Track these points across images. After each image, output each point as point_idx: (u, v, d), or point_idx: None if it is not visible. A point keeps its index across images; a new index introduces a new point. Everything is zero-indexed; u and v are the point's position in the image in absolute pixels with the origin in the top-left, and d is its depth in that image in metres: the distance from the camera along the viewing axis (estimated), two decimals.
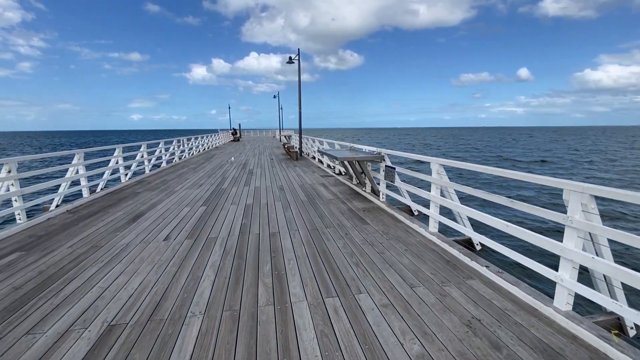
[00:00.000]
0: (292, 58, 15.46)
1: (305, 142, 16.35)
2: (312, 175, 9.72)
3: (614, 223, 10.07)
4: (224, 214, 5.52)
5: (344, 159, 5.87)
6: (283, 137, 26.77)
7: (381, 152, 5.88)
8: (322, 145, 11.50)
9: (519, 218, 9.12)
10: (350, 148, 7.62)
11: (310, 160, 13.71)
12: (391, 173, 5.32)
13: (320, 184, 8.26)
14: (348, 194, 6.96)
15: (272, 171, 10.61)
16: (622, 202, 2.52)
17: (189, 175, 9.96)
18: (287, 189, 7.62)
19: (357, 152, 6.62)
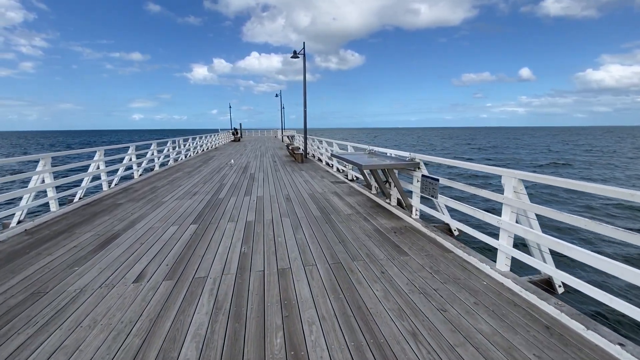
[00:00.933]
0: (297, 52, 14.33)
1: (310, 143, 15.20)
2: (322, 181, 8.57)
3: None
4: (218, 236, 4.38)
5: (370, 167, 4.72)
6: (286, 137, 25.62)
7: (415, 158, 4.74)
8: (332, 147, 10.35)
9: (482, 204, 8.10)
10: (369, 152, 6.47)
11: (317, 163, 12.56)
12: (431, 186, 4.17)
13: (333, 192, 7.12)
14: (369, 206, 5.82)
15: (276, 176, 9.47)
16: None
17: (183, 181, 8.82)
18: (295, 199, 6.48)
19: (383, 158, 5.48)
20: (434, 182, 4.16)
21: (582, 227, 2.33)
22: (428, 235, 4.25)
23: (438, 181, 4.08)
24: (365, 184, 7.96)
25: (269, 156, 15.82)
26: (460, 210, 3.71)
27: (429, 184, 4.29)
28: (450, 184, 3.91)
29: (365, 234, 4.35)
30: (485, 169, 3.55)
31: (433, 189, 4.18)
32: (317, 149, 13.60)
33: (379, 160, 5.26)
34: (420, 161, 4.65)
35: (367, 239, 4.17)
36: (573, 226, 2.49)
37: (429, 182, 4.29)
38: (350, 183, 8.18)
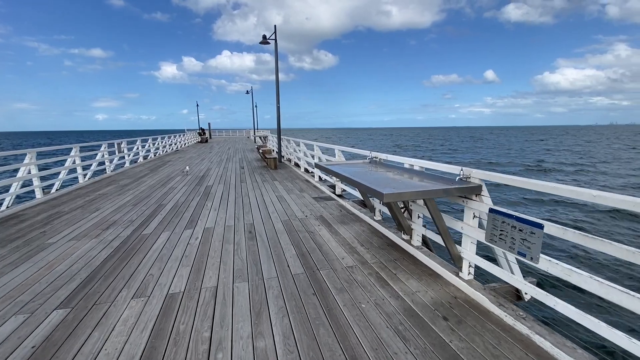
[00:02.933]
0: (268, 37, 12.03)
1: (285, 145, 12.94)
2: (301, 196, 6.38)
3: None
4: (96, 340, 2.10)
5: (399, 197, 2.46)
6: (258, 138, 23.13)
7: (470, 175, 2.66)
8: (313, 152, 8.17)
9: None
10: (371, 161, 4.37)
11: (294, 170, 10.33)
12: (519, 234, 2.12)
13: (318, 217, 4.96)
14: (377, 247, 3.72)
15: (241, 190, 7.16)
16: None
17: (107, 200, 6.30)
18: (263, 234, 4.26)
19: (400, 173, 3.38)
20: (527, 228, 2.12)
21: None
22: (510, 328, 2.21)
23: (541, 228, 2.03)
24: (360, 202, 5.86)
25: (237, 161, 13.37)
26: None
27: (509, 228, 2.25)
28: (579, 239, 1.86)
29: (393, 327, 2.23)
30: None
31: (525, 242, 2.14)
32: (293, 152, 11.37)
33: (400, 178, 3.17)
34: (482, 183, 2.60)
35: (399, 341, 2.06)
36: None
37: (509, 224, 2.25)
38: (339, 200, 6.06)
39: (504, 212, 2.31)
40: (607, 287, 1.74)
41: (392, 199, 2.32)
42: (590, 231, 9.01)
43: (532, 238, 2.10)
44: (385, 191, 2.27)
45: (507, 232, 2.30)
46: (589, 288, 1.82)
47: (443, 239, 2.81)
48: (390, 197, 2.30)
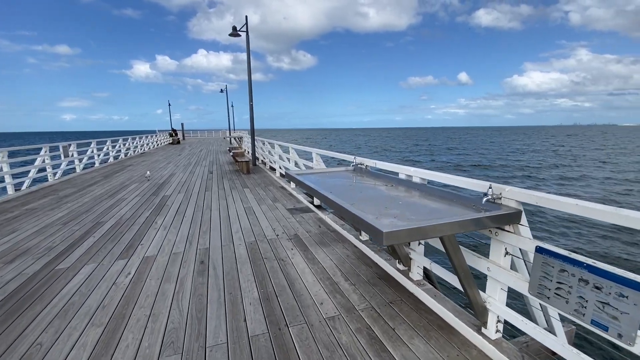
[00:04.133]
0: (239, 29, 10.98)
1: (260, 146, 11.92)
2: (274, 208, 5.45)
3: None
4: None
5: (413, 235, 1.51)
6: (233, 139, 21.85)
7: (502, 193, 1.85)
8: (288, 155, 7.23)
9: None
10: (356, 168, 3.51)
11: (269, 175, 9.34)
12: (594, 291, 1.32)
13: (292, 237, 4.05)
14: (365, 282, 2.86)
15: (203, 200, 6.12)
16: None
17: (29, 219, 5.09)
18: (219, 265, 3.30)
19: (408, 189, 2.53)
20: (614, 287, 1.32)
21: None
22: None
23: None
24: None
25: (207, 164, 12.19)
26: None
27: (575, 281, 1.45)
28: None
29: None
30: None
31: (606, 307, 1.34)
32: (268, 155, 10.37)
33: (398, 194, 2.32)
34: (519, 207, 1.79)
35: None
36: None
37: (574, 274, 1.45)
38: (317, 212, 5.17)
39: (565, 256, 1.51)
40: None
41: (398, 239, 1.45)
42: None
43: (623, 304, 1.30)
44: (385, 229, 1.40)
45: (570, 286, 1.50)
46: None
47: (462, 282, 1.98)
48: (393, 238, 1.43)
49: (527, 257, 1.98)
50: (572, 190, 15.32)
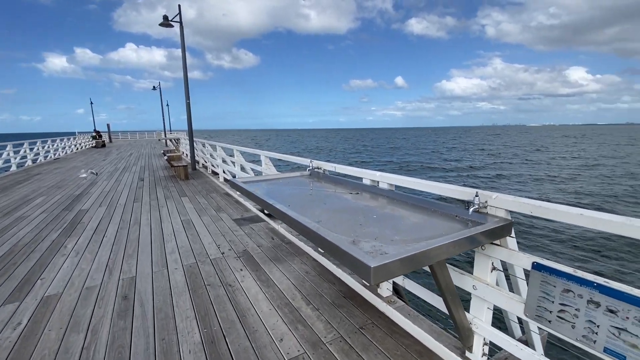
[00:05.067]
0: (171, 19, 9.86)
1: (201, 149, 10.90)
2: (218, 218, 4.80)
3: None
4: None
5: (410, 266, 1.10)
6: (170, 141, 19.94)
7: (487, 202, 1.62)
8: (233, 158, 6.55)
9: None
10: (312, 173, 3.13)
11: (210, 179, 8.49)
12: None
13: (242, 254, 3.51)
14: (332, 305, 2.49)
15: (130, 214, 5.18)
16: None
17: None
18: (148, 299, 2.64)
19: (376, 197, 2.19)
20: (632, 310, 1.13)
21: None
22: None
23: None
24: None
25: (137, 170, 10.75)
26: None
27: (582, 304, 1.25)
28: None
29: None
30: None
31: (623, 334, 1.15)
32: (210, 158, 9.47)
33: (367, 205, 1.99)
34: (508, 217, 1.57)
35: None
36: None
37: (581, 295, 1.25)
38: (269, 221, 4.68)
39: (570, 274, 1.30)
40: None
41: (389, 274, 1.07)
42: None
43: None
44: (372, 263, 1.03)
45: (576, 308, 1.30)
46: None
47: (448, 304, 1.71)
48: (384, 273, 1.06)
49: (513, 271, 1.79)
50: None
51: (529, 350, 1.55)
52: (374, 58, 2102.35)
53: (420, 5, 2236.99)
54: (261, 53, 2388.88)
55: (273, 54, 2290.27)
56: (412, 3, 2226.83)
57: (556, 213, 1.38)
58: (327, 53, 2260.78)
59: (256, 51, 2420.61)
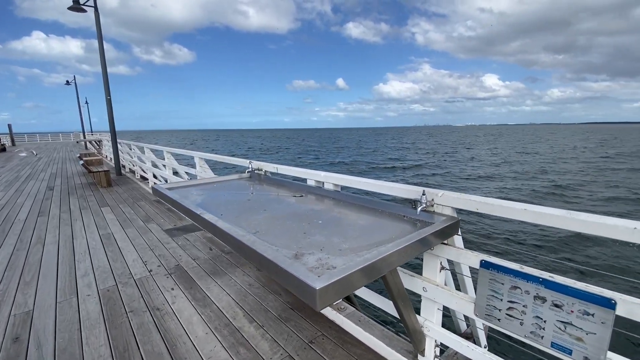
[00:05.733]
0: (84, 2, 8.58)
1: (127, 151, 9.72)
2: (146, 230, 4.21)
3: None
4: None
5: (357, 284, 0.93)
6: (90, 143, 17.55)
7: (434, 200, 1.54)
8: (165, 161, 5.88)
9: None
10: (253, 174, 2.86)
11: (139, 186, 7.57)
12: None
13: (174, 270, 3.08)
14: (278, 319, 2.27)
15: (32, 230, 4.27)
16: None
17: None
18: (48, 338, 2.11)
19: (321, 199, 2.01)
20: (577, 303, 1.13)
21: None
22: None
23: (612, 307, 1.06)
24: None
25: (46, 177, 9.15)
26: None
27: (530, 300, 1.23)
28: None
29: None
30: None
31: (568, 328, 1.14)
32: (138, 161, 8.46)
33: (313, 208, 1.81)
34: (456, 215, 1.53)
35: None
36: None
37: (528, 292, 1.23)
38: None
39: (517, 271, 1.28)
40: None
41: (337, 294, 0.91)
42: None
43: (589, 323, 1.12)
44: (318, 284, 0.85)
45: (524, 305, 1.28)
46: None
47: (399, 309, 1.61)
48: (331, 294, 0.88)
49: (460, 270, 1.77)
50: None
51: (478, 350, 1.52)
52: (316, 59, 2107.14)
53: (357, 10, 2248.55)
54: (197, 49, 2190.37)
55: (211, 50, 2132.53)
56: (349, 8, 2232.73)
57: (501, 209, 1.35)
58: (268, 52, 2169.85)
59: (191, 47, 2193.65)
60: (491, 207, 1.38)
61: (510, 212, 1.32)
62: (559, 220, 1.20)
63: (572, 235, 7.76)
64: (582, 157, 28.55)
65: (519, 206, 1.30)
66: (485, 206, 1.39)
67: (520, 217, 1.29)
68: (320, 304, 0.88)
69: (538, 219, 1.25)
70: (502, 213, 1.35)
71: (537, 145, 45.32)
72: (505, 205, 1.34)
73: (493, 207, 1.37)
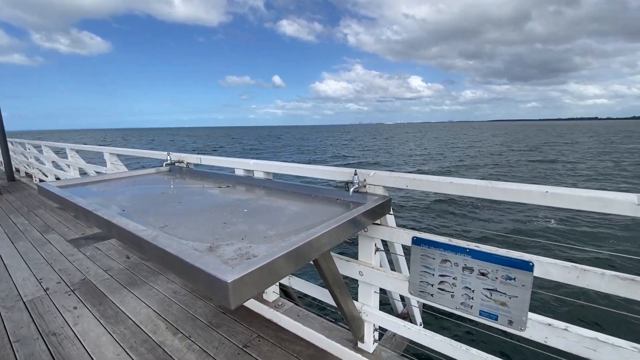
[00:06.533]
0: None
1: (22, 152, 8.10)
2: (43, 242, 3.49)
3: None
4: None
5: (276, 275, 0.81)
6: None
7: (366, 180, 1.49)
8: (69, 160, 4.98)
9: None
10: (172, 167, 2.53)
11: (35, 192, 6.35)
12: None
13: (79, 285, 2.57)
14: (208, 326, 2.02)
15: None
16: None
17: None
18: None
19: (250, 188, 1.81)
20: (499, 269, 1.16)
21: None
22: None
23: (529, 270, 1.10)
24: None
25: None
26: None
27: (459, 272, 1.24)
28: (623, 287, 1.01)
29: None
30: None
31: (494, 294, 1.17)
32: (36, 162, 7.09)
33: (240, 198, 1.61)
34: (387, 194, 1.49)
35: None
36: None
37: (457, 264, 1.24)
38: None
39: (446, 244, 1.28)
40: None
41: (257, 286, 0.76)
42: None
43: (511, 287, 1.16)
44: (229, 277, 0.69)
45: (454, 277, 1.29)
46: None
47: (336, 297, 1.52)
48: (249, 287, 0.73)
49: (394, 249, 1.76)
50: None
51: (414, 328, 1.52)
52: (250, 55, 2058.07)
53: (290, 7, 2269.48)
54: (113, 38, 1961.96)
55: (130, 41, 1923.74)
56: (283, 5, 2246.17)
57: (429, 183, 1.34)
58: (198, 46, 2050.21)
59: (106, 35, 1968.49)
60: (420, 182, 1.36)
61: (438, 186, 1.31)
62: (482, 190, 1.22)
63: (494, 203, 8.26)
64: (495, 149, 32.74)
65: (445, 180, 1.30)
66: (415, 182, 1.37)
67: (447, 190, 1.29)
68: (234, 299, 0.72)
69: (463, 190, 1.26)
70: (430, 188, 1.35)
71: (459, 140, 50.75)
72: (433, 180, 1.33)
73: (422, 183, 1.36)
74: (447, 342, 1.39)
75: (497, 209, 8.99)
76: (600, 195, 1.00)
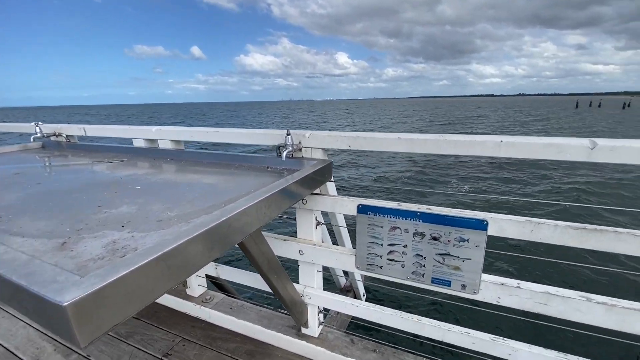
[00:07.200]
0: None
1: None
2: None
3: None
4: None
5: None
6: None
7: (301, 143, 1.23)
8: None
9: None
10: (48, 142, 1.91)
11: None
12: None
13: None
14: (135, 348, 1.62)
15: None
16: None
17: None
18: None
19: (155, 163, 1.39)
20: (452, 231, 1.04)
21: None
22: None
23: (484, 229, 1.00)
24: None
25: None
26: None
27: (409, 239, 1.10)
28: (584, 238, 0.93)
29: None
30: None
31: (447, 259, 1.06)
32: None
33: (138, 174, 1.21)
34: (327, 158, 1.26)
35: None
36: None
37: (407, 230, 1.10)
38: None
39: (395, 209, 1.12)
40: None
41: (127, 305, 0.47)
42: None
43: (464, 249, 1.05)
44: (67, 298, 0.38)
45: (404, 245, 1.15)
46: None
47: (272, 283, 1.28)
48: (116, 306, 0.44)
49: (336, 221, 1.57)
50: None
51: (359, 305, 1.37)
52: (161, 22, 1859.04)
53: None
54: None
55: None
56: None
57: (374, 141, 1.15)
58: (93, 8, 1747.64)
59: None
60: (363, 141, 1.16)
61: (384, 143, 1.13)
62: (432, 145, 1.07)
63: (447, 159, 7.80)
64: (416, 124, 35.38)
65: (392, 136, 1.11)
66: (358, 141, 1.17)
67: (395, 148, 1.12)
68: (85, 332, 0.41)
69: (412, 147, 1.09)
70: (375, 146, 1.16)
71: (387, 116, 53.59)
72: (378, 137, 1.14)
73: (366, 141, 1.16)
74: (397, 315, 1.28)
75: (452, 164, 8.38)
76: (554, 142, 0.91)
